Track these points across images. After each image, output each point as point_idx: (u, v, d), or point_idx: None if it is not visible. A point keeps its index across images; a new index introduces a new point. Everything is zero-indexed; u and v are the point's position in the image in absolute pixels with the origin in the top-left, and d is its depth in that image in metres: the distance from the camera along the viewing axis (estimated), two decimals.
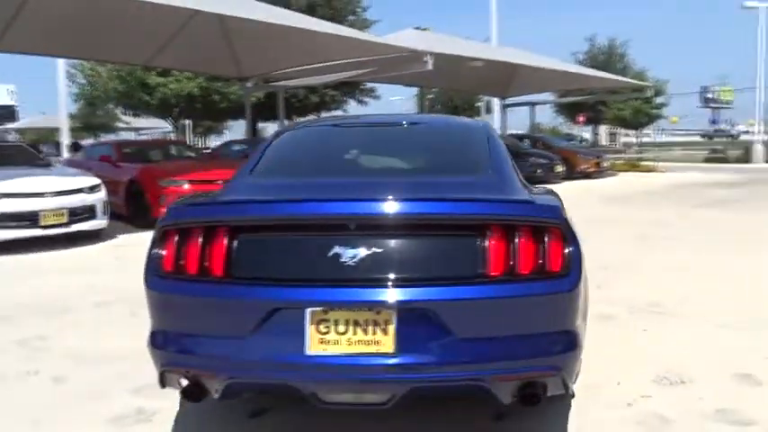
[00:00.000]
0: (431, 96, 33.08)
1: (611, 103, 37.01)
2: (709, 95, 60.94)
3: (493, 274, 2.29)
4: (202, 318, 2.41)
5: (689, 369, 3.46)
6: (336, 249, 2.31)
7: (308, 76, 16.11)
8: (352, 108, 27.95)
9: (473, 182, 2.84)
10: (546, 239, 2.34)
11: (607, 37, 42.32)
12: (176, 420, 2.96)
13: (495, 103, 25.54)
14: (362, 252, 2.29)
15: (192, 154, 12.48)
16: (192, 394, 2.46)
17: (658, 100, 38.64)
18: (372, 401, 2.39)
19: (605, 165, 20.56)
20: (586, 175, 18.99)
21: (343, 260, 2.29)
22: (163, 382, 2.51)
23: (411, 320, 2.24)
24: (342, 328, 2.25)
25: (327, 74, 15.50)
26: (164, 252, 2.47)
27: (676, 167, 22.58)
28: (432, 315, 2.25)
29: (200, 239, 2.41)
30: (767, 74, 30.60)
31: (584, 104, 35.46)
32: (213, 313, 2.38)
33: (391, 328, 2.24)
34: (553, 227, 2.37)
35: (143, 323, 2.64)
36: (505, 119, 25.00)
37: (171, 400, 3.00)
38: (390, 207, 2.35)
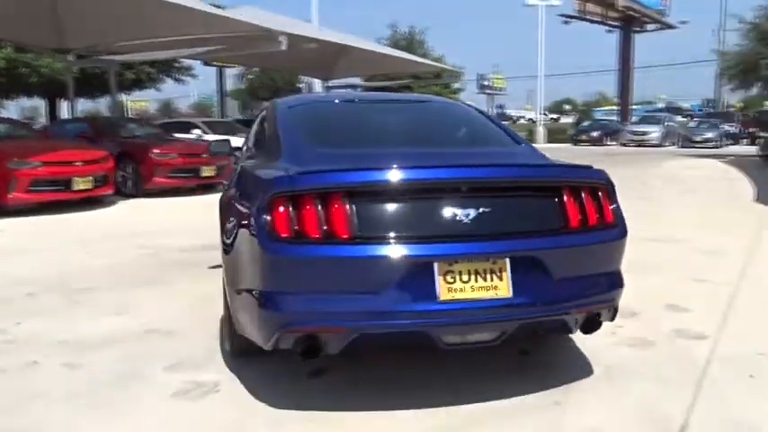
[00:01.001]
0: (251, 77, 32.52)
1: (415, 88, 39.26)
2: (485, 83, 66.41)
3: (573, 225, 2.78)
4: (332, 277, 2.58)
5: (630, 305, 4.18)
6: (453, 209, 2.63)
7: (148, 50, 15.18)
8: (170, 86, 26.65)
9: (521, 152, 3.31)
10: (600, 197, 2.88)
11: (408, 24, 44.66)
12: (245, 387, 3.04)
13: (317, 84, 25.93)
14: (474, 211, 2.64)
15: (25, 132, 11.29)
16: (310, 353, 2.63)
17: (455, 86, 41.75)
18: (485, 339, 2.77)
19: None
20: None
21: (459, 218, 2.62)
22: (277, 344, 2.64)
23: (520, 267, 2.65)
24: (465, 277, 2.59)
25: (172, 49, 14.74)
26: (278, 218, 2.57)
27: None
28: (536, 261, 2.68)
29: (320, 205, 2.57)
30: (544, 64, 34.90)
31: (391, 88, 37.17)
32: (344, 272, 2.57)
33: (505, 275, 2.63)
34: (604, 187, 2.92)
35: None
36: None
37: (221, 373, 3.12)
38: (493, 172, 2.74)
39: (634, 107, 45.87)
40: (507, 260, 2.64)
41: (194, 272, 5.35)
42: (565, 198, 2.79)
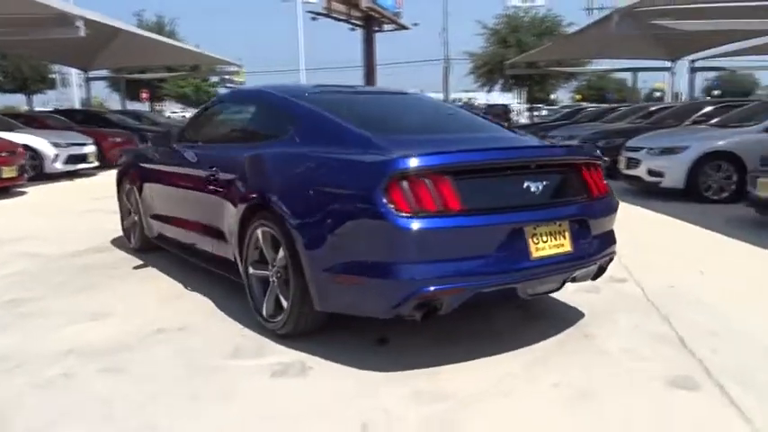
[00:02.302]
0: None
1: (171, 80, 37.63)
2: (226, 77, 66.00)
3: (594, 194, 3.54)
4: (450, 244, 2.98)
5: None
6: (527, 183, 3.21)
7: None
8: None
9: (524, 136, 3.99)
10: (599, 172, 3.70)
11: (155, 13, 42.22)
12: (330, 361, 3.26)
13: (74, 74, 23.67)
14: (540, 184, 3.24)
15: None
16: (430, 314, 3.02)
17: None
18: (553, 288, 3.39)
19: None
20: None
21: (533, 190, 3.21)
22: (400, 311, 2.97)
23: (575, 228, 3.34)
24: (544, 238, 3.19)
25: None
26: (399, 197, 2.90)
27: None
28: (582, 223, 3.39)
29: (432, 183, 2.96)
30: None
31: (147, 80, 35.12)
32: (459, 239, 2.99)
33: (567, 234, 3.29)
34: (600, 164, 3.74)
35: None
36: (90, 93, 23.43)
37: (295, 354, 3.32)
38: (550, 152, 3.40)
39: None
40: (567, 222, 3.30)
41: (116, 273, 5.04)
42: (583, 173, 3.53)
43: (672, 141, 9.13)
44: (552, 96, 36.88)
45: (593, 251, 3.46)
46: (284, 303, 3.45)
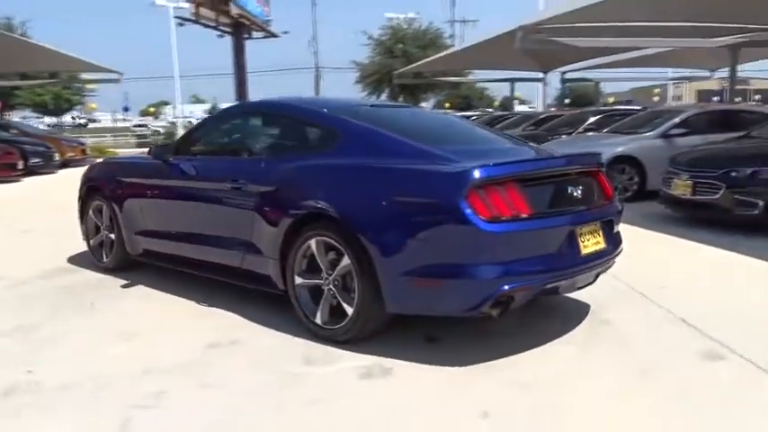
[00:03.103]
0: None
1: (26, 88, 34.84)
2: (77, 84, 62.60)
3: (612, 198, 4.02)
4: (523, 246, 3.31)
5: None
6: (570, 188, 3.62)
7: None
8: None
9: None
10: (606, 178, 4.19)
11: (3, 15, 38.73)
12: (406, 361, 3.46)
13: None
14: (578, 189, 3.67)
15: None
16: (506, 309, 3.34)
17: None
18: (589, 282, 3.80)
19: (89, 152, 20.37)
20: (67, 163, 17.98)
21: (575, 195, 3.63)
22: (481, 308, 3.26)
23: (604, 227, 3.79)
24: (588, 237, 3.62)
25: None
26: (478, 204, 3.20)
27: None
28: (609, 223, 3.85)
29: (505, 190, 3.28)
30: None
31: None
32: (530, 241, 3.33)
33: (601, 234, 3.74)
34: (604, 171, 4.24)
35: None
36: None
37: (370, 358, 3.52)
38: (584, 161, 3.81)
39: None
40: (600, 223, 3.74)
41: (107, 294, 4.87)
42: (600, 179, 4.00)
43: (585, 148, 10.06)
44: (424, 104, 38.25)
45: (616, 247, 3.93)
46: (347, 309, 3.59)
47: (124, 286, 5.06)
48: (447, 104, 49.23)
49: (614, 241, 3.91)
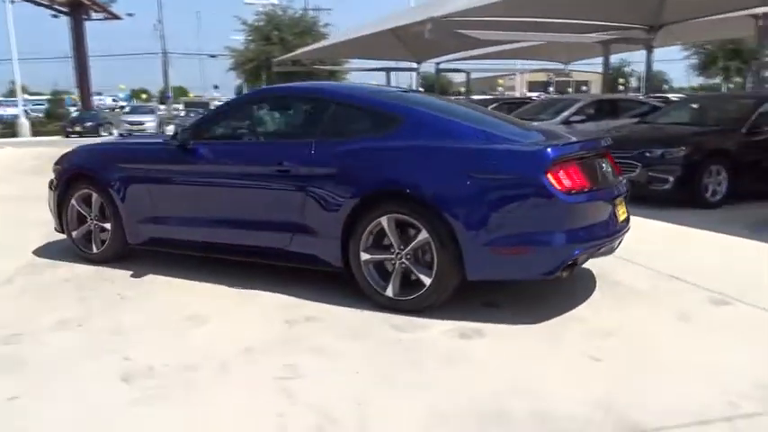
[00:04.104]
0: None
1: None
2: None
3: (619, 174, 4.64)
4: (588, 215, 3.80)
5: None
6: (603, 166, 4.17)
7: None
8: None
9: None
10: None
11: None
12: (489, 324, 3.85)
13: None
14: (607, 167, 4.24)
15: None
16: (571, 271, 3.83)
17: None
18: (616, 247, 4.35)
19: None
20: None
21: (606, 171, 4.18)
22: (572, 267, 3.73)
23: (622, 200, 4.39)
24: (619, 207, 4.19)
25: None
26: (557, 179, 3.65)
27: None
28: (626, 196, 4.45)
29: (574, 167, 3.77)
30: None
31: None
32: (592, 210, 3.83)
33: (624, 206, 4.33)
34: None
35: None
36: None
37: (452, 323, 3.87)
38: (607, 142, 4.36)
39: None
40: (622, 197, 4.33)
41: (122, 285, 4.72)
42: (610, 159, 4.60)
43: None
44: None
45: (629, 218, 4.56)
46: (425, 280, 3.87)
47: (134, 276, 4.90)
48: None
49: (628, 212, 4.53)
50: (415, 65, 24.79)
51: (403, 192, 3.90)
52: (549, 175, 3.62)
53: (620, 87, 54.23)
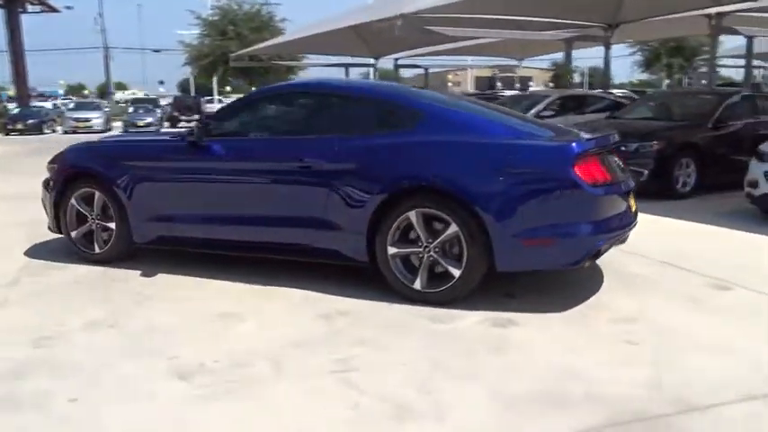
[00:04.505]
0: None
1: None
2: None
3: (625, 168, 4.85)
4: (610, 206, 3.98)
5: None
6: (616, 161, 4.37)
7: None
8: None
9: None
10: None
11: None
12: (513, 312, 3.99)
13: None
14: (619, 162, 4.44)
15: None
16: (594, 261, 4.01)
17: None
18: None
19: None
20: None
21: (619, 166, 4.38)
22: (595, 257, 3.91)
23: (631, 194, 4.60)
24: (631, 199, 4.38)
25: None
26: (583, 172, 3.82)
27: None
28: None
29: (595, 161, 3.94)
30: None
31: None
32: (613, 202, 4.01)
33: (632, 199, 4.53)
34: None
35: None
36: None
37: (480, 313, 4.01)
38: (616, 138, 4.55)
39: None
40: (631, 191, 4.54)
41: (141, 283, 4.67)
42: (617, 154, 4.80)
43: None
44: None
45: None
46: (454, 272, 3.98)
47: (145, 275, 4.84)
48: (253, 88, 48.72)
49: (636, 205, 4.74)
50: (372, 60, 24.85)
51: (433, 186, 3.99)
52: (576, 169, 3.78)
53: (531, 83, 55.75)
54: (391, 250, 4.13)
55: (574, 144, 3.89)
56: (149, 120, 31.38)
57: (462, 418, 2.68)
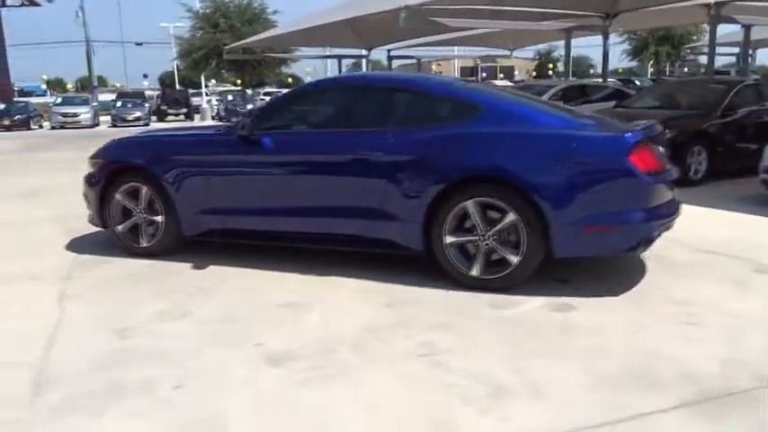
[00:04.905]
0: None
1: None
2: None
3: None
4: (660, 194, 4.13)
5: None
6: (660, 150, 4.52)
7: None
8: None
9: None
10: None
11: None
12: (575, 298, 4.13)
13: None
14: (662, 151, 4.59)
15: None
16: (647, 247, 4.16)
17: None
18: None
19: None
20: None
21: (664, 156, 4.53)
22: (649, 243, 4.06)
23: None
24: (674, 187, 4.53)
25: None
26: (639, 161, 3.96)
27: None
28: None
29: (647, 151, 4.09)
30: None
31: None
32: (661, 190, 4.16)
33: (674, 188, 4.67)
34: None
35: None
36: None
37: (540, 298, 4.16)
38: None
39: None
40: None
41: (193, 275, 4.76)
42: None
43: None
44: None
45: None
46: (512, 259, 4.11)
47: (196, 268, 4.92)
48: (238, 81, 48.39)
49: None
50: (364, 51, 24.86)
51: (492, 177, 4.11)
52: (632, 159, 3.92)
53: (550, 72, 55.99)
54: (448, 239, 4.24)
55: (630, 134, 4.03)
56: (138, 114, 31.18)
57: (560, 394, 2.81)
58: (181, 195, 4.99)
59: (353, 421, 2.66)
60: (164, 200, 5.06)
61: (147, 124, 30.31)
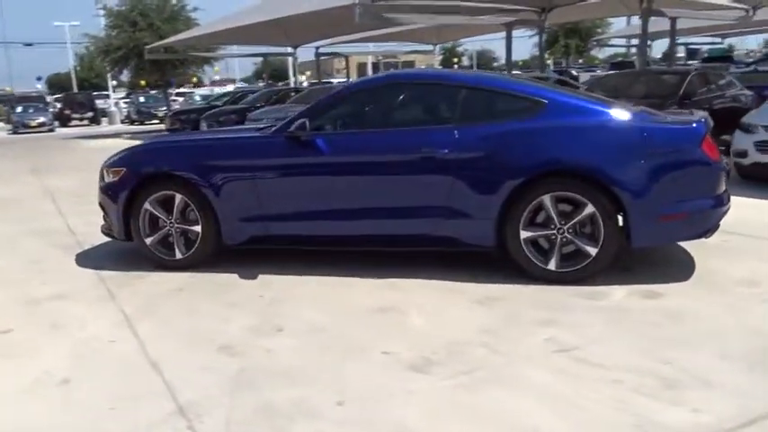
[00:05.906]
0: None
1: None
2: None
3: None
4: (724, 181, 4.31)
5: None
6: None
7: None
8: None
9: None
10: None
11: None
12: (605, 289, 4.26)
13: None
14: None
15: None
16: (716, 229, 4.36)
17: None
18: None
19: None
20: None
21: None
22: (716, 228, 4.27)
23: None
24: None
25: None
26: (710, 150, 4.15)
27: None
28: None
29: (711, 140, 4.28)
30: None
31: None
32: (724, 178, 4.35)
33: None
34: None
35: None
36: None
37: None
38: None
39: None
40: None
41: (237, 284, 4.54)
42: None
43: None
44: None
45: None
46: (590, 251, 4.18)
47: (243, 278, 4.69)
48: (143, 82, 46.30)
49: None
50: (290, 49, 24.48)
51: (571, 170, 4.16)
52: (704, 147, 4.10)
53: (456, 66, 57.37)
54: (524, 234, 4.27)
55: (699, 124, 4.21)
56: (42, 119, 29.43)
57: (727, 381, 2.87)
58: (223, 202, 4.73)
59: (553, 420, 2.62)
60: (203, 208, 4.77)
61: (51, 130, 28.56)
